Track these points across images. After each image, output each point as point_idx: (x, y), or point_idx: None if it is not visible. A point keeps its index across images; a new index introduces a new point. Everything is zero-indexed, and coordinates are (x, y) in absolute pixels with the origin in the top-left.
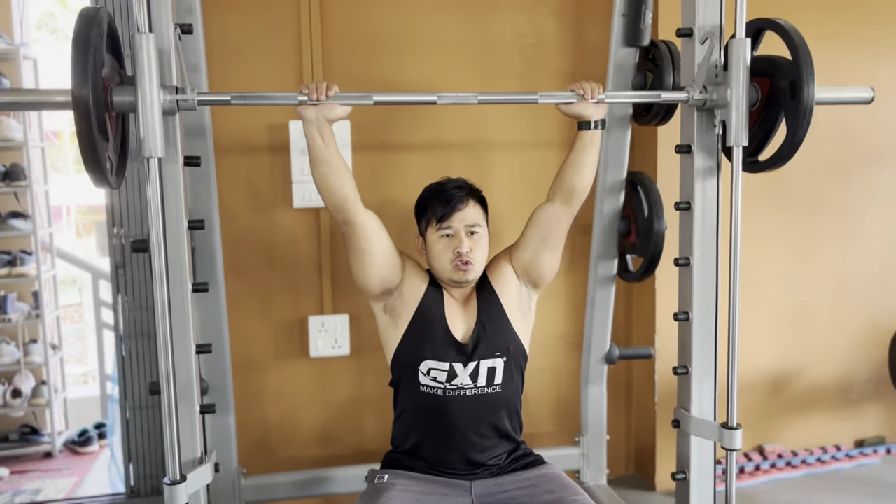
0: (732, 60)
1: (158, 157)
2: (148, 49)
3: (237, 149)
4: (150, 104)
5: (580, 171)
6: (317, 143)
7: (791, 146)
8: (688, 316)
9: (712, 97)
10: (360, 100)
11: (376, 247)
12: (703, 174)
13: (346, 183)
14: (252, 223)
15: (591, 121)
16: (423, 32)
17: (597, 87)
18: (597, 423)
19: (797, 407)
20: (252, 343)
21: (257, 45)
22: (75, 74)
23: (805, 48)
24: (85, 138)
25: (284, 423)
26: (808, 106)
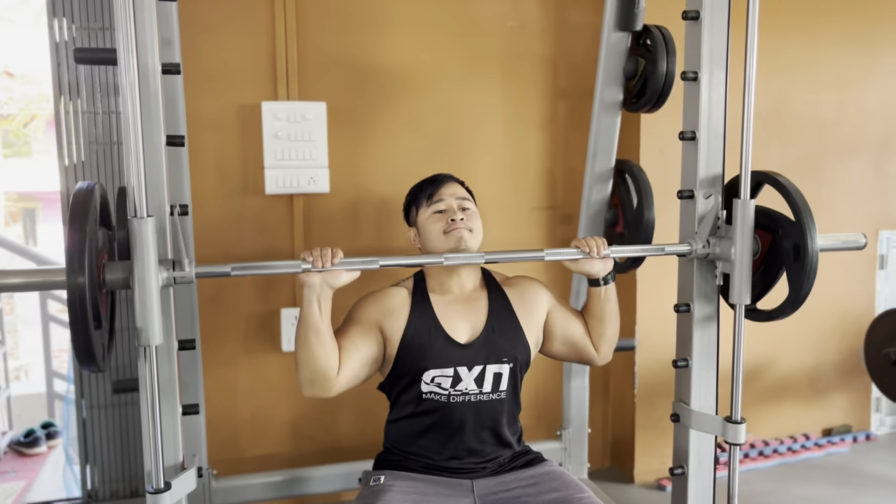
0: (738, 220)
1: (157, 345)
2: (146, 235)
3: (206, 131)
4: (148, 289)
5: (603, 322)
6: (313, 310)
7: (795, 303)
8: (688, 307)
9: (715, 251)
10: (366, 265)
11: (364, 373)
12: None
13: (332, 356)
14: (221, 210)
15: (599, 278)
16: (402, 11)
17: (602, 242)
18: (579, 416)
19: (769, 397)
20: (220, 337)
21: (228, 21)
22: (70, 267)
23: (806, 208)
24: (79, 330)
25: (255, 420)
26: (812, 267)
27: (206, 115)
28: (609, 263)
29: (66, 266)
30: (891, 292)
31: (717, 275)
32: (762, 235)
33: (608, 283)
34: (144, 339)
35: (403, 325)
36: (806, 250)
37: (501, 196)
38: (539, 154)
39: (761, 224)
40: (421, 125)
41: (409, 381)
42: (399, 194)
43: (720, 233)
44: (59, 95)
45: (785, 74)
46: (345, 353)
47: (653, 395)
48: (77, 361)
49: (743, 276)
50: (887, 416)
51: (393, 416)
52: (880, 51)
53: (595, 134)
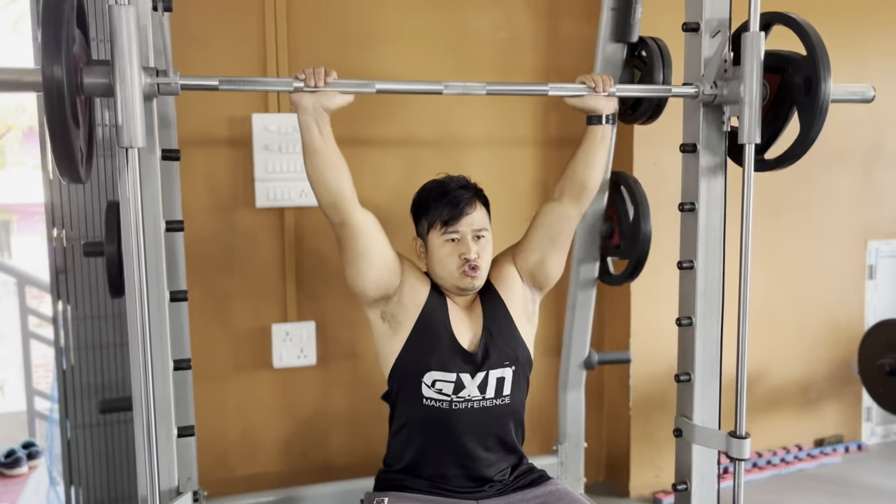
0: (746, 55)
1: (139, 146)
2: (128, 23)
3: (194, 142)
4: (129, 86)
5: (591, 167)
6: (313, 134)
7: (804, 143)
8: (691, 321)
9: (722, 93)
10: (362, 87)
11: (374, 249)
12: (708, 173)
13: (343, 178)
14: (210, 224)
15: (602, 115)
16: (394, 23)
17: (608, 79)
18: (575, 430)
19: (761, 408)
20: (210, 353)
21: (219, 32)
22: (47, 51)
23: (821, 42)
24: (57, 126)
25: (245, 438)
26: (824, 102)
27: (196, 127)
28: (613, 102)
29: (42, 58)
30: (880, 302)
31: (725, 121)
32: (770, 79)
33: (609, 122)
34: (126, 140)
35: (423, 301)
36: (818, 83)
37: (494, 207)
38: (531, 165)
39: (769, 66)
40: (413, 137)
41: (411, 379)
42: (391, 206)
43: (727, 75)
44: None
45: None
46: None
47: (648, 409)
48: (57, 166)
49: (753, 113)
50: (878, 426)
51: (394, 427)
52: (867, 61)
53: None
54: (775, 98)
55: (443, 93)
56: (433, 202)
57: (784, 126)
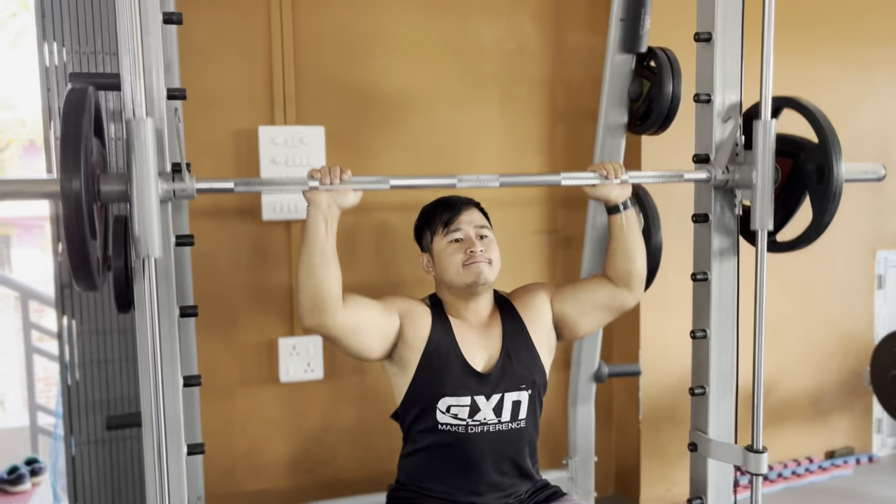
0: (758, 143)
1: (156, 256)
2: (146, 137)
3: (201, 155)
4: (147, 198)
5: (629, 256)
6: (319, 230)
7: (818, 229)
8: (705, 333)
9: (734, 177)
10: (376, 184)
11: (364, 335)
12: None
13: (334, 278)
14: (217, 237)
15: (618, 203)
16: (399, 35)
17: (619, 167)
18: (585, 444)
19: (771, 420)
20: (216, 368)
21: (224, 44)
22: (66, 167)
23: (831, 129)
24: (76, 242)
25: (252, 453)
26: (837, 190)
27: (202, 140)
28: (627, 189)
29: (60, 168)
30: (889, 312)
31: (737, 204)
32: (782, 162)
33: (628, 208)
34: (143, 250)
35: (426, 336)
36: (831, 171)
37: (501, 219)
38: (537, 170)
39: (781, 150)
40: (419, 148)
41: (424, 407)
42: (398, 218)
43: (739, 159)
44: (48, 121)
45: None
46: (359, 300)
47: (657, 422)
48: (73, 275)
49: (765, 200)
50: (889, 437)
51: (407, 449)
52: (873, 71)
53: (599, 157)
54: (787, 181)
55: (456, 186)
56: (432, 212)
57: (796, 209)
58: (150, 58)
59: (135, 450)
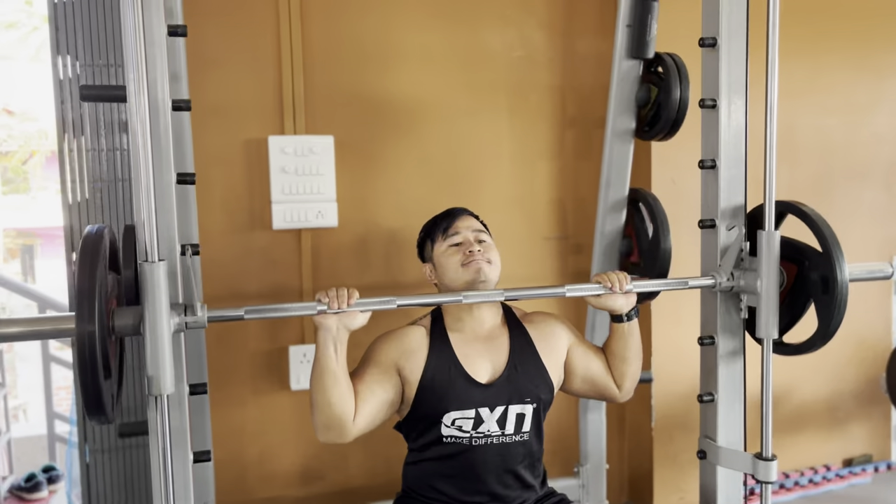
0: (762, 253)
1: (169, 394)
2: (157, 280)
3: (212, 166)
4: (159, 336)
5: (627, 361)
6: (329, 353)
7: (825, 336)
8: (713, 340)
9: (739, 283)
10: (383, 305)
11: (383, 416)
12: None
13: (347, 399)
14: (227, 246)
15: (622, 314)
16: (408, 44)
17: (624, 277)
18: (596, 451)
19: (787, 428)
20: (227, 376)
21: (234, 55)
22: (81, 312)
23: (833, 238)
24: (90, 385)
25: (263, 460)
26: (842, 299)
27: (212, 150)
28: (632, 298)
29: (76, 314)
30: None
31: (743, 308)
32: (787, 266)
33: (632, 318)
34: (156, 389)
35: (422, 366)
36: (835, 282)
37: (512, 226)
38: (548, 184)
39: (786, 255)
40: (429, 157)
41: (429, 423)
42: (408, 227)
43: (744, 265)
44: (62, 133)
45: (792, 100)
46: (361, 397)
47: (670, 429)
48: (86, 413)
49: (770, 309)
50: None
51: (412, 458)
52: (888, 76)
53: (608, 163)
54: (793, 286)
55: (462, 302)
56: (432, 224)
57: (803, 313)
58: (154, 70)
59: (147, 457)
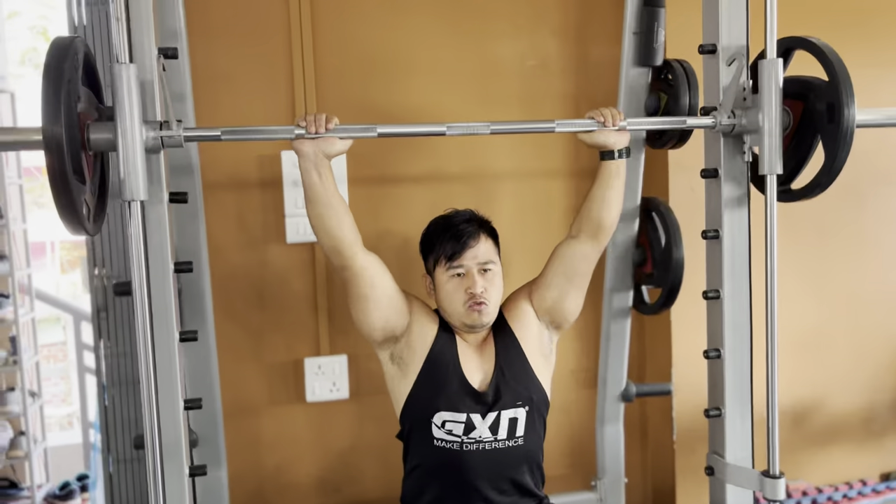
0: (764, 83)
1: (141, 199)
2: (128, 80)
3: (226, 182)
4: (131, 142)
5: (606, 204)
6: (313, 180)
7: (830, 173)
8: (719, 353)
9: (741, 122)
10: (363, 132)
11: (379, 292)
12: (731, 203)
13: (345, 223)
14: (242, 260)
15: (614, 150)
16: (420, 57)
17: (617, 113)
18: (614, 465)
19: (819, 440)
20: (243, 388)
21: (247, 73)
22: (46, 110)
23: (842, 67)
24: (58, 182)
25: (279, 472)
26: (848, 129)
27: (225, 166)
28: (625, 136)
29: (42, 119)
30: None
31: (746, 150)
32: (793, 105)
33: (622, 156)
34: (128, 193)
35: (431, 341)
36: (841, 109)
37: (527, 236)
38: (565, 192)
39: (792, 92)
40: (441, 168)
41: (420, 421)
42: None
43: (746, 104)
44: None
45: None
46: (382, 266)
47: (692, 441)
48: (60, 219)
49: (773, 142)
50: None
51: (408, 467)
52: None
53: None
54: (799, 125)
55: (446, 133)
56: (437, 238)
57: (809, 154)
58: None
59: None
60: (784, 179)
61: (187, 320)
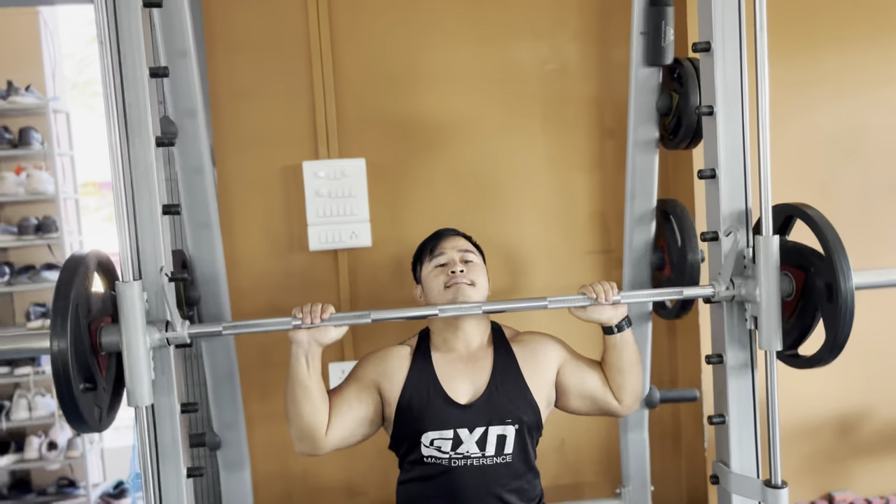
0: (760, 259)
1: (146, 405)
2: (132, 298)
3: (251, 193)
4: (136, 353)
5: (623, 372)
6: (300, 367)
7: (832, 350)
8: (721, 359)
9: (741, 292)
10: (357, 319)
11: (360, 431)
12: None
13: (319, 415)
14: (268, 268)
15: (611, 325)
16: (439, 64)
17: (610, 287)
18: (639, 472)
19: (869, 450)
20: (271, 392)
21: (268, 87)
22: (53, 329)
23: (837, 243)
24: (64, 396)
25: (307, 477)
26: (847, 307)
27: (251, 178)
28: (621, 309)
29: (50, 337)
30: None
31: (748, 318)
32: (796, 274)
33: (622, 329)
34: (133, 401)
35: (401, 386)
36: (839, 289)
37: (551, 241)
38: (588, 196)
39: (793, 262)
40: (461, 174)
41: (410, 444)
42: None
43: (747, 272)
44: None
45: (858, 97)
46: (337, 411)
47: None
48: (68, 422)
49: (771, 318)
50: None
51: (401, 478)
52: None
53: (631, 174)
54: (802, 294)
55: (438, 315)
56: (422, 245)
57: (814, 323)
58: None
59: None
60: (791, 344)
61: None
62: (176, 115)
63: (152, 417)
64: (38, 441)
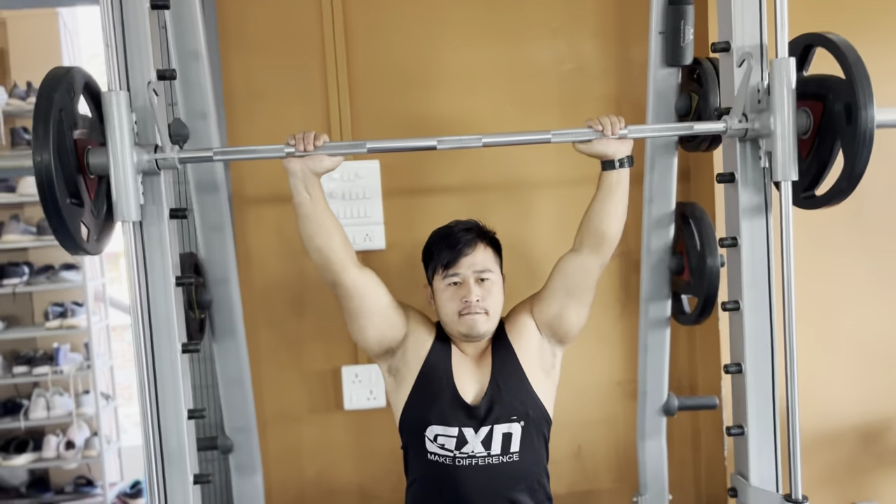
0: (775, 84)
1: (133, 220)
2: (118, 107)
3: (265, 195)
4: (122, 166)
5: (608, 216)
6: (302, 197)
7: (850, 179)
8: (740, 368)
9: (754, 126)
10: (351, 149)
11: (371, 307)
12: (750, 211)
13: (334, 241)
14: (282, 270)
15: (614, 159)
16: (454, 65)
17: (617, 120)
18: (657, 480)
19: (894, 460)
20: (285, 395)
21: (282, 88)
22: (35, 138)
23: (860, 64)
24: (48, 205)
25: (321, 479)
26: (866, 131)
27: (265, 181)
28: (627, 144)
29: (32, 148)
30: None
31: (763, 155)
32: (813, 106)
33: (624, 165)
34: (119, 214)
35: (425, 354)
36: (859, 109)
37: (568, 243)
38: None
39: (811, 92)
40: (476, 176)
41: (414, 432)
42: None
43: (761, 105)
44: None
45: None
46: (375, 279)
47: None
48: (56, 238)
49: (787, 147)
50: None
51: (408, 480)
52: None
53: (649, 177)
54: (819, 127)
55: (437, 148)
56: (436, 247)
57: (832, 158)
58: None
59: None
60: (807, 185)
61: (218, 331)
62: (187, 117)
63: (157, 422)
64: (56, 440)
